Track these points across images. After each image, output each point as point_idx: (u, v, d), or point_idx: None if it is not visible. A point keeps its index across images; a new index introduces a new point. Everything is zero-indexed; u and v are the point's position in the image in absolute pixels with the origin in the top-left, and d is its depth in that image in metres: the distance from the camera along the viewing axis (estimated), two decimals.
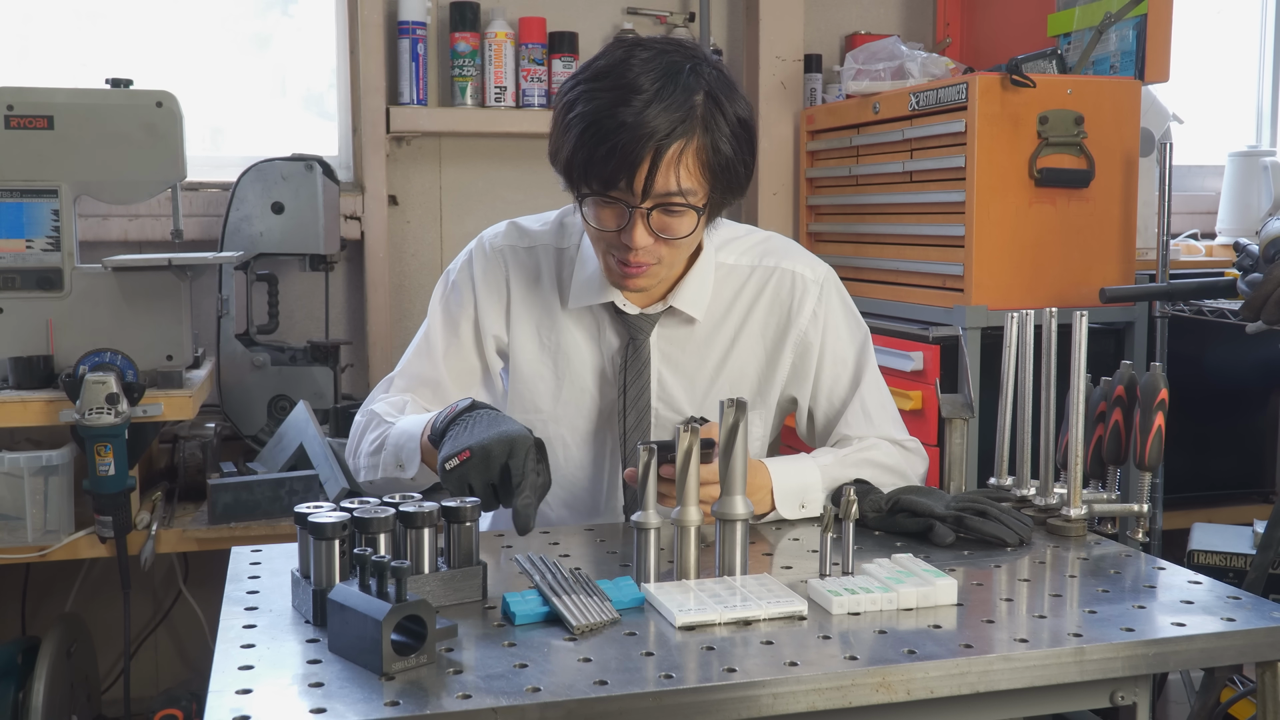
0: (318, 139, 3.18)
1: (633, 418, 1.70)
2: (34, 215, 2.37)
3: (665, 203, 1.52)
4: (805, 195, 3.19)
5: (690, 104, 1.49)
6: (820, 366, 1.76)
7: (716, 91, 1.52)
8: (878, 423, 1.75)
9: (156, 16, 3.05)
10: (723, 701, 1.07)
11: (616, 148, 1.47)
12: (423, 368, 1.76)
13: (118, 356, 2.32)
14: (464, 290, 1.76)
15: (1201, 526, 2.47)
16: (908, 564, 1.34)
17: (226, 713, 1.01)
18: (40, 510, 2.33)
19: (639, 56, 1.51)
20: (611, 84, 1.49)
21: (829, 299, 1.76)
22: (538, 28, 3.09)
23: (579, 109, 1.51)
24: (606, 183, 1.51)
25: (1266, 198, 3.15)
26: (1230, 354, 2.78)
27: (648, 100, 1.47)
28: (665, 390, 1.72)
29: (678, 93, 1.48)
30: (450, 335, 1.75)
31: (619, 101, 1.48)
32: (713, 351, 1.74)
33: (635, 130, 1.46)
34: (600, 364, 1.73)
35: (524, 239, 1.76)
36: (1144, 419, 1.55)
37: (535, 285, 1.74)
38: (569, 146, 1.52)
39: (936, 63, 2.89)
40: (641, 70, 1.49)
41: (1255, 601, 1.29)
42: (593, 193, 1.53)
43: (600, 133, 1.48)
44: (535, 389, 1.74)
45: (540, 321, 1.74)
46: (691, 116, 1.49)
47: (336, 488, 2.38)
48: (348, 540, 1.23)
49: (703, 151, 1.51)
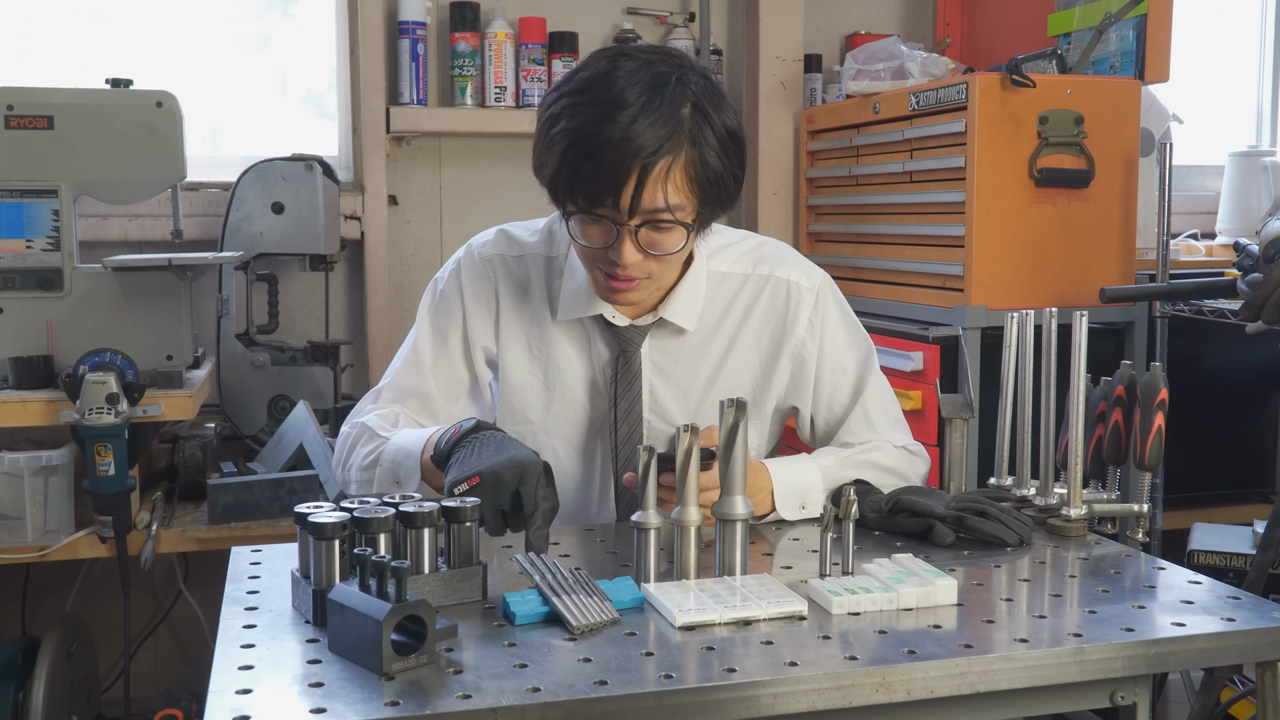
0: (318, 139, 3.18)
1: (624, 430, 1.68)
2: (34, 215, 2.37)
3: (653, 219, 1.48)
4: (805, 195, 3.19)
5: (677, 118, 1.45)
6: (819, 376, 1.74)
7: (704, 103, 1.48)
8: (880, 430, 1.74)
9: (156, 16, 3.05)
10: (723, 701, 1.07)
11: (602, 165, 1.43)
12: (411, 380, 1.73)
13: (118, 356, 2.32)
14: (452, 300, 1.72)
15: (1201, 526, 2.47)
16: (908, 564, 1.34)
17: (226, 713, 1.01)
18: (40, 510, 2.33)
19: (624, 68, 1.47)
20: (595, 98, 1.45)
21: (825, 307, 1.74)
22: (538, 28, 3.09)
23: (563, 124, 1.46)
24: (592, 200, 1.47)
25: (1266, 198, 3.15)
26: (1230, 354, 2.78)
27: (633, 115, 1.43)
28: (657, 402, 1.70)
29: (664, 106, 1.44)
30: (439, 346, 1.72)
31: (604, 117, 1.43)
32: (706, 361, 1.71)
33: (621, 147, 1.42)
34: (591, 376, 1.70)
35: (513, 248, 1.73)
36: (1144, 419, 1.55)
37: (525, 295, 1.71)
38: (553, 163, 1.48)
39: (936, 63, 2.89)
40: (627, 83, 1.45)
41: (1255, 601, 1.29)
42: (579, 210, 1.50)
43: (585, 150, 1.44)
44: (525, 400, 1.71)
45: (530, 332, 1.71)
46: (679, 131, 1.45)
47: (336, 488, 2.38)
48: (348, 540, 1.23)
49: (691, 166, 1.47)
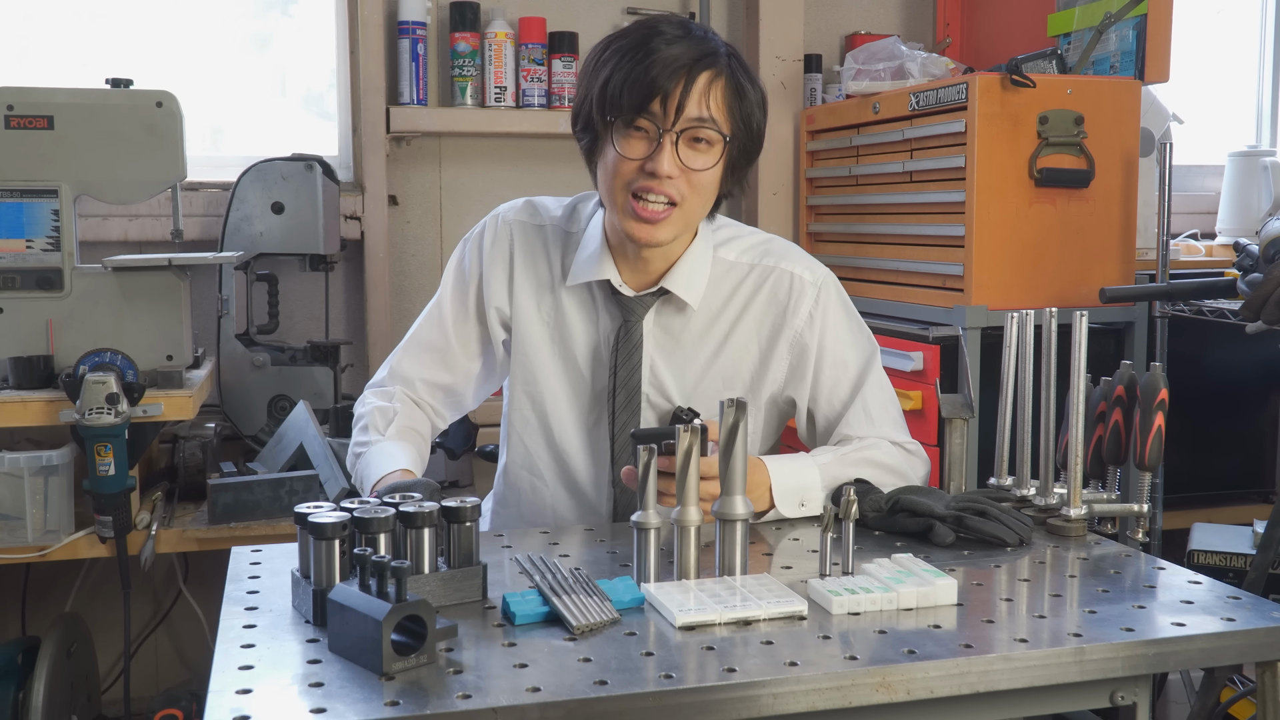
0: (318, 139, 3.18)
1: (622, 398, 1.74)
2: (34, 215, 2.37)
3: (695, 128, 1.59)
4: (805, 195, 3.19)
5: (716, 49, 1.61)
6: (819, 369, 1.76)
7: (739, 58, 1.65)
8: (879, 424, 1.75)
9: (156, 16, 3.05)
10: (723, 701, 1.07)
11: (650, 69, 1.56)
12: (432, 334, 1.84)
13: (118, 356, 2.32)
14: (472, 259, 1.83)
15: (1201, 526, 2.47)
16: (908, 564, 1.34)
17: (226, 713, 1.01)
18: (40, 510, 2.33)
19: (665, 21, 1.63)
20: (643, 29, 1.62)
21: (827, 301, 1.77)
22: (538, 28, 3.09)
23: (613, 46, 1.62)
24: (639, 105, 1.57)
25: (1266, 198, 3.15)
26: (1230, 354, 2.78)
27: (679, 37, 1.59)
28: (656, 377, 1.75)
29: (705, 40, 1.61)
30: (459, 303, 1.83)
31: (651, 37, 1.59)
32: (706, 345, 1.76)
33: (667, 57, 1.57)
34: (595, 342, 1.77)
35: (535, 217, 1.83)
36: (1144, 419, 1.55)
37: (538, 261, 1.80)
38: (603, 76, 1.61)
39: (936, 63, 2.89)
40: (670, 26, 1.62)
41: (1255, 601, 1.29)
42: (623, 118, 1.59)
43: (634, 60, 1.58)
44: (535, 360, 1.79)
45: (540, 296, 1.79)
46: (718, 57, 1.61)
47: (336, 488, 2.38)
48: (348, 540, 1.23)
49: (729, 91, 1.61)
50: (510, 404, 1.83)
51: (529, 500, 1.82)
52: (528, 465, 1.82)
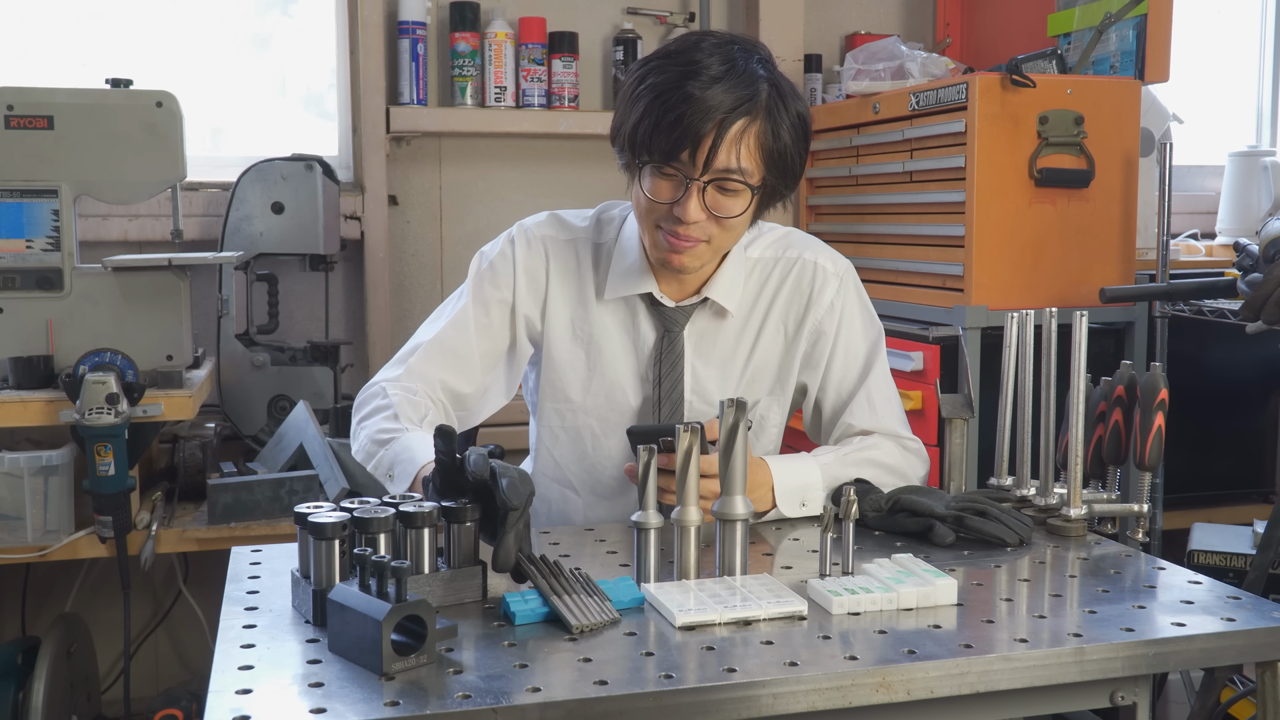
0: (318, 139, 3.18)
1: (667, 409, 1.73)
2: (34, 215, 2.37)
3: (722, 179, 1.56)
4: (805, 195, 3.19)
5: (756, 90, 1.55)
6: (832, 357, 1.79)
7: (780, 84, 1.59)
8: (882, 415, 1.77)
9: (156, 16, 3.05)
10: (723, 701, 1.06)
11: (682, 118, 1.52)
12: (454, 338, 1.76)
13: (118, 356, 2.32)
14: (503, 272, 1.77)
15: (1201, 526, 2.47)
16: (908, 564, 1.34)
17: (226, 713, 1.01)
18: (40, 510, 2.33)
19: (708, 43, 1.58)
20: (683, 61, 1.56)
21: (847, 292, 1.80)
22: (538, 28, 3.09)
23: (649, 81, 1.57)
24: (668, 153, 1.55)
25: (1266, 198, 3.15)
26: (1230, 354, 2.78)
27: (716, 78, 1.53)
28: (699, 382, 1.75)
29: (744, 78, 1.55)
30: (481, 314, 1.77)
31: (689, 76, 1.53)
32: (743, 345, 1.77)
33: (701, 105, 1.52)
34: (633, 356, 1.76)
35: (564, 231, 1.80)
36: (1144, 419, 1.55)
37: (572, 277, 1.78)
38: (635, 115, 1.57)
39: (936, 63, 2.89)
40: (711, 55, 1.55)
41: (1255, 601, 1.29)
42: (652, 162, 1.57)
43: (668, 104, 1.53)
44: (566, 379, 1.77)
45: (575, 313, 1.77)
46: (756, 100, 1.55)
47: (336, 488, 2.38)
48: (348, 540, 1.23)
49: (764, 135, 1.56)
50: (539, 419, 1.81)
51: (559, 509, 1.82)
52: (558, 478, 1.81)
